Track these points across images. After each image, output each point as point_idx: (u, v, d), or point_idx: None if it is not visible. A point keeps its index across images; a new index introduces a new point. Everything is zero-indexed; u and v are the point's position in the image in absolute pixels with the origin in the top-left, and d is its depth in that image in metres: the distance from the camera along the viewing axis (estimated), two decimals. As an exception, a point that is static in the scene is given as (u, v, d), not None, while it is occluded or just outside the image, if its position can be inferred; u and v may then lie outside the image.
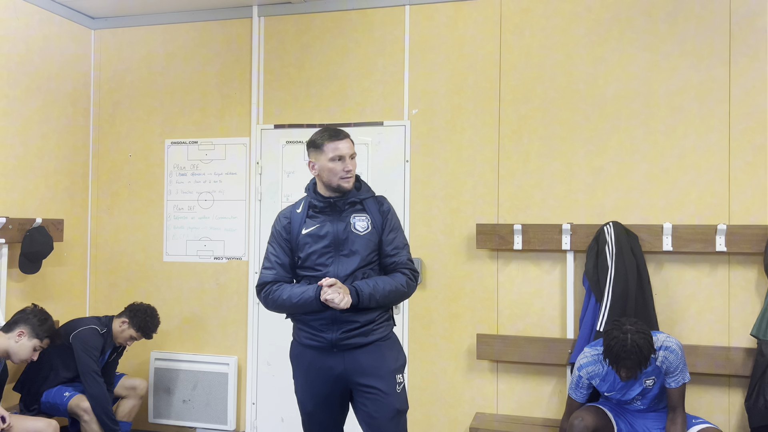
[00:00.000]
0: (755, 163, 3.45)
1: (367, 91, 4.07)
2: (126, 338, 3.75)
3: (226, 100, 4.33)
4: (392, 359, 2.58)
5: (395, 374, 2.56)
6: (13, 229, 3.78)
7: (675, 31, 3.59)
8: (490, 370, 3.83)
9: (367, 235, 2.57)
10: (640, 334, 2.84)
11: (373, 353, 2.54)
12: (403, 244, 2.64)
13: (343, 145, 2.54)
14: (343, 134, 2.59)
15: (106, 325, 3.74)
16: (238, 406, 4.22)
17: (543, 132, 3.77)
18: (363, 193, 2.64)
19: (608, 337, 2.90)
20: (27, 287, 4.03)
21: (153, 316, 3.79)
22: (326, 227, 2.57)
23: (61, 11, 4.28)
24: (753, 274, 3.44)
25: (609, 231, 3.48)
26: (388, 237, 2.60)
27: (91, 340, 3.60)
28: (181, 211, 4.40)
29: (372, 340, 2.54)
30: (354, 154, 2.59)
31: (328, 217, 2.59)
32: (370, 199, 2.64)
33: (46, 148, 4.18)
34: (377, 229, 2.59)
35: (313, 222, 2.60)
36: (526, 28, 3.82)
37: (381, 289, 2.52)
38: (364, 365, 2.53)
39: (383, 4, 4.04)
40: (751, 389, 3.23)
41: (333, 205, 2.59)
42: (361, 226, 2.57)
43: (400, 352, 2.65)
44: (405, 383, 2.62)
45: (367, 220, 2.59)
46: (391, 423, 2.52)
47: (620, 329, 2.87)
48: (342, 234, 2.56)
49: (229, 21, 4.33)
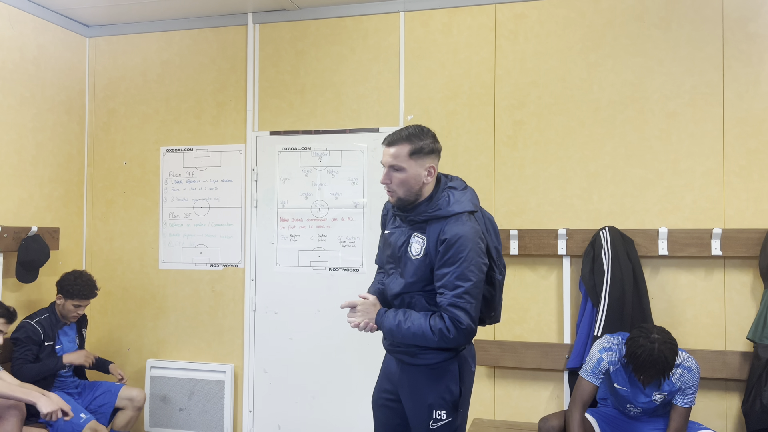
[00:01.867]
0: (749, 167, 3.47)
1: (362, 97, 4.08)
2: (72, 310, 3.71)
3: (221, 107, 4.33)
4: (433, 391, 2.28)
5: (432, 409, 2.27)
6: (8, 238, 3.77)
7: (668, 37, 3.61)
8: (488, 375, 3.82)
9: (418, 261, 2.26)
10: (668, 344, 2.78)
11: (415, 377, 2.31)
12: (454, 285, 2.17)
13: (385, 152, 2.30)
14: (391, 140, 2.30)
15: (47, 311, 3.74)
16: (235, 413, 4.21)
17: (538, 137, 3.78)
18: (429, 210, 2.28)
19: (634, 344, 2.83)
20: (23, 296, 4.01)
21: (78, 277, 3.72)
22: (394, 236, 2.38)
23: (56, 19, 4.27)
24: (748, 278, 3.45)
25: (605, 236, 3.49)
26: (439, 272, 2.22)
27: (21, 335, 3.58)
28: (177, 219, 4.39)
29: (418, 363, 2.30)
30: (397, 166, 2.27)
31: (401, 226, 2.37)
32: (437, 220, 2.26)
33: (41, 156, 4.17)
34: (430, 258, 2.25)
35: (393, 224, 2.43)
36: (520, 34, 3.83)
37: (405, 328, 2.23)
38: (405, 384, 2.34)
39: (378, 10, 4.05)
40: (748, 393, 3.23)
41: (404, 216, 2.35)
42: (415, 249, 2.28)
43: (450, 385, 2.28)
44: (447, 421, 2.27)
45: (422, 244, 2.26)
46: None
47: (648, 338, 2.80)
48: (398, 251, 2.34)
49: (224, 28, 4.34)
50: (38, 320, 3.66)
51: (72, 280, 3.70)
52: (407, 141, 2.27)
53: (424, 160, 2.29)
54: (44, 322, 3.67)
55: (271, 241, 4.20)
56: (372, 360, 3.98)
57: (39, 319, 3.67)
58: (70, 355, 3.72)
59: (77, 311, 3.74)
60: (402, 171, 2.27)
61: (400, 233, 2.35)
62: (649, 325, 3.00)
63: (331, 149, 4.12)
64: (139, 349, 4.39)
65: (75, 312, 3.73)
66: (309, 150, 4.14)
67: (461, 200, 2.30)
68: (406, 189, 2.29)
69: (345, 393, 4.01)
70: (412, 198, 2.30)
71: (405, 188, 2.29)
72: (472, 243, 2.20)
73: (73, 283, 3.69)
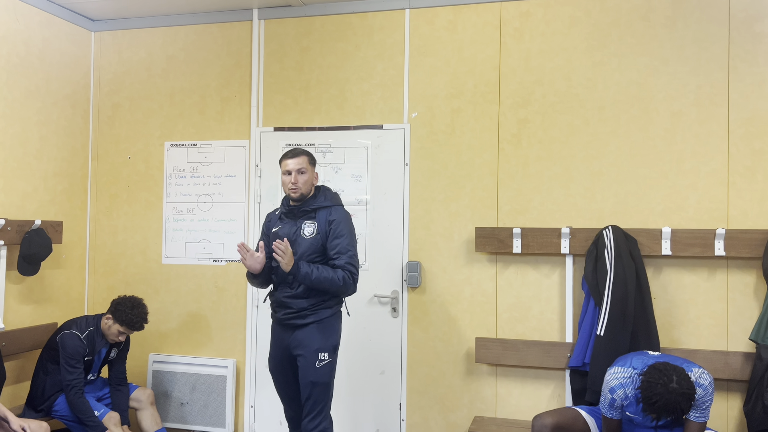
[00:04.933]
0: (754, 167, 3.46)
1: (366, 94, 4.08)
2: (115, 334, 3.68)
3: (225, 102, 4.33)
4: (320, 339, 3.09)
5: (318, 352, 3.07)
6: (11, 231, 3.78)
7: (674, 36, 3.60)
8: (489, 373, 3.83)
9: (311, 239, 3.11)
10: (686, 396, 2.66)
11: (306, 333, 3.10)
12: (346, 250, 3.08)
13: (291, 162, 3.11)
14: (293, 153, 3.15)
15: (93, 324, 3.70)
16: (237, 408, 4.22)
17: (542, 136, 3.77)
18: (317, 202, 3.17)
19: (651, 390, 2.69)
20: (25, 289, 4.03)
21: (135, 307, 3.67)
22: (285, 229, 3.19)
23: (61, 13, 4.28)
24: (752, 279, 3.45)
25: (608, 235, 3.49)
26: (332, 243, 3.10)
27: (69, 347, 3.56)
28: (180, 214, 4.40)
29: (309, 322, 3.10)
30: (302, 170, 3.12)
31: (288, 221, 3.20)
32: (323, 209, 3.15)
33: (45, 150, 4.18)
34: (322, 236, 3.11)
35: (279, 223, 3.25)
36: (525, 32, 3.83)
37: (318, 273, 3.01)
38: (298, 340, 3.11)
39: (383, 7, 4.05)
40: (750, 394, 3.23)
41: (291, 211, 3.20)
42: (308, 231, 3.12)
43: (332, 334, 3.14)
44: (329, 360, 3.09)
45: (314, 226, 3.12)
46: (305, 389, 3.07)
47: (666, 387, 2.66)
48: (291, 236, 3.13)
49: (229, 24, 4.34)
50: (86, 336, 3.64)
51: (128, 308, 3.65)
52: (300, 153, 3.19)
53: (314, 168, 3.25)
54: (89, 337, 3.66)
55: (274, 237, 4.21)
56: (372, 356, 3.99)
57: (86, 334, 3.64)
58: (112, 426, 3.61)
59: (120, 337, 3.70)
60: (303, 173, 3.15)
61: (288, 225, 3.18)
62: (667, 366, 2.76)
63: (335, 146, 4.12)
64: (142, 344, 4.40)
65: (117, 337, 3.69)
66: (313, 146, 4.14)
67: (334, 196, 3.27)
68: (307, 187, 3.19)
69: (345, 388, 4.02)
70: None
71: (307, 187, 3.18)
72: (350, 222, 3.20)
73: (128, 311, 3.64)
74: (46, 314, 4.16)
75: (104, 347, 3.75)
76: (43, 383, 3.64)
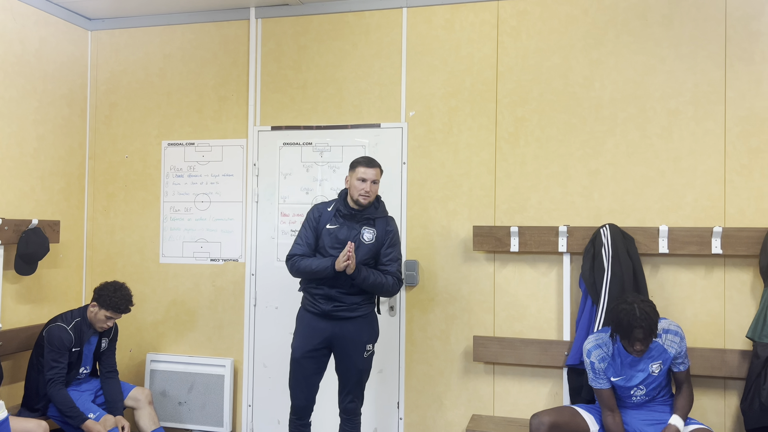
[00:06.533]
0: (750, 165, 3.47)
1: (364, 93, 4.08)
2: (102, 320, 3.64)
3: (223, 101, 4.33)
4: (367, 332, 3.35)
5: (366, 343, 3.33)
6: (8, 231, 3.77)
7: (670, 35, 3.60)
8: (487, 372, 3.83)
9: (369, 245, 3.29)
10: (646, 303, 2.90)
11: (355, 325, 3.31)
12: (397, 258, 3.35)
13: (370, 172, 3.26)
14: (371, 163, 3.29)
15: (79, 315, 3.68)
16: (234, 408, 4.22)
17: (539, 134, 3.78)
18: (379, 212, 3.35)
19: (616, 311, 2.94)
20: (23, 289, 4.02)
21: (118, 290, 3.64)
22: (344, 231, 3.30)
23: (58, 12, 4.27)
24: (748, 277, 3.46)
25: (605, 233, 3.49)
26: (386, 251, 3.32)
27: (56, 339, 3.53)
28: (178, 213, 4.39)
29: (356, 316, 3.31)
30: (376, 180, 3.28)
31: (347, 223, 3.31)
32: (381, 218, 3.35)
33: (43, 149, 4.17)
34: (378, 243, 3.31)
35: (336, 222, 3.33)
36: (522, 31, 3.83)
37: (374, 278, 3.26)
38: (346, 332, 3.30)
39: (380, 6, 4.05)
40: (747, 391, 3.24)
41: (353, 216, 3.30)
42: (367, 237, 3.29)
43: (375, 327, 3.40)
44: (373, 351, 3.38)
45: (373, 233, 3.30)
46: (353, 375, 3.33)
47: (626, 302, 2.92)
48: (353, 240, 3.27)
49: (226, 23, 4.34)
50: (72, 326, 3.61)
51: (111, 291, 3.62)
52: (378, 165, 3.36)
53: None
54: (76, 328, 3.63)
55: (272, 236, 4.20)
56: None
57: (72, 325, 3.62)
58: (96, 425, 3.52)
59: (107, 323, 3.67)
60: (376, 184, 3.32)
61: (348, 228, 3.30)
62: (624, 294, 3.11)
63: (332, 145, 4.12)
64: (139, 343, 4.40)
65: (105, 323, 3.66)
66: (310, 145, 4.14)
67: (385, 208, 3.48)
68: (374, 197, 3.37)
69: (344, 388, 4.02)
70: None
71: (374, 196, 3.37)
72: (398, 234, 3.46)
73: (111, 294, 3.61)
74: (43, 314, 4.16)
75: (93, 336, 3.72)
76: (36, 382, 3.63)
